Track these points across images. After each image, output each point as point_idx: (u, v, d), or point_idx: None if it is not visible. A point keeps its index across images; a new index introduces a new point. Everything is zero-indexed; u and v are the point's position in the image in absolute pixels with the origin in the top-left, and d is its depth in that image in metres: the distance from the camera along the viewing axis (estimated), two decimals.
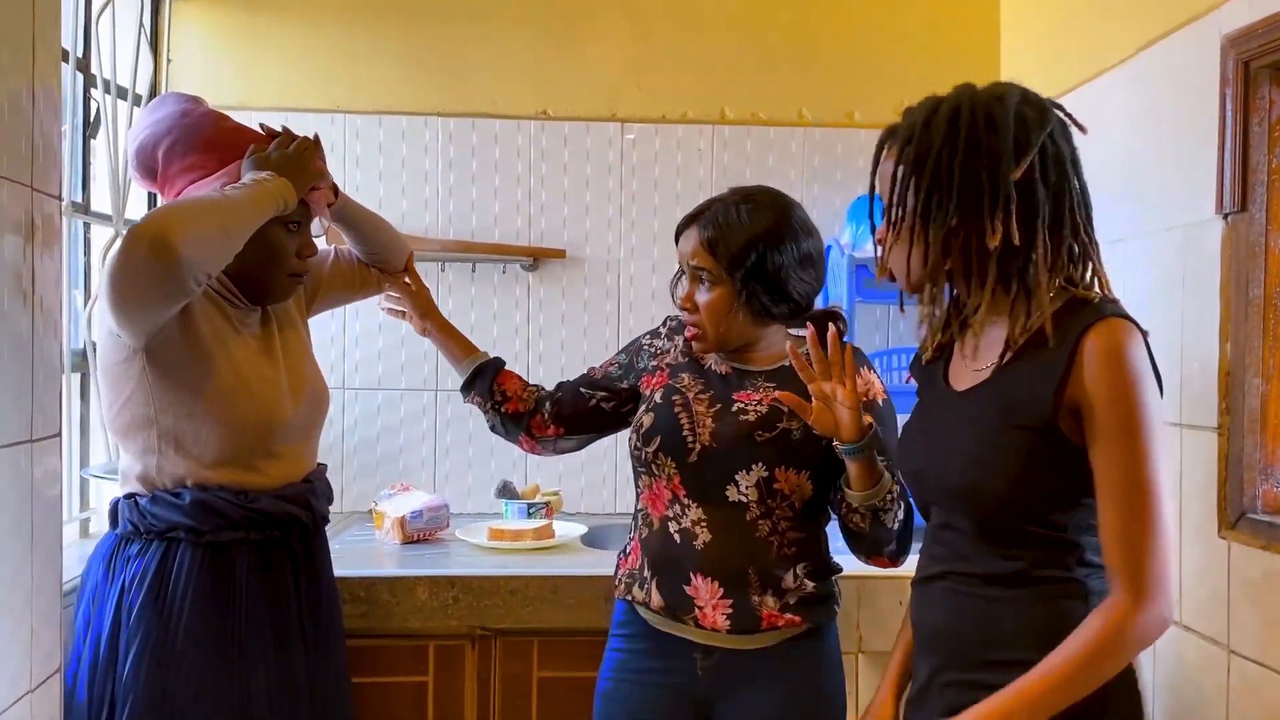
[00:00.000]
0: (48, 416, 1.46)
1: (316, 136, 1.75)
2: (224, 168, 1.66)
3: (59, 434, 1.51)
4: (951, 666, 1.39)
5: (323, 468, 1.83)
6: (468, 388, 1.96)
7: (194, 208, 1.53)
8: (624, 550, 1.83)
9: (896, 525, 1.66)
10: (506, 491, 2.58)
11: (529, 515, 2.50)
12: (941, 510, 1.42)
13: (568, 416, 1.90)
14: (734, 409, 1.70)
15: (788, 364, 1.71)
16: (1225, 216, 1.80)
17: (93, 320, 1.68)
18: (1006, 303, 1.31)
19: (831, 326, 1.58)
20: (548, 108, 2.79)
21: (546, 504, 2.55)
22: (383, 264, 2.01)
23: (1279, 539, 1.67)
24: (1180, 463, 1.91)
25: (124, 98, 2.46)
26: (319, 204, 1.77)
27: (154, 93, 2.65)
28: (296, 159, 1.69)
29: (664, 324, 1.89)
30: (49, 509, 1.50)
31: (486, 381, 1.94)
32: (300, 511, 1.71)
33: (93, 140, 2.38)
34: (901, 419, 1.54)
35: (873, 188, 1.41)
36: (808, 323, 1.67)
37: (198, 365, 1.61)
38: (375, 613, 2.07)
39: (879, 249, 1.41)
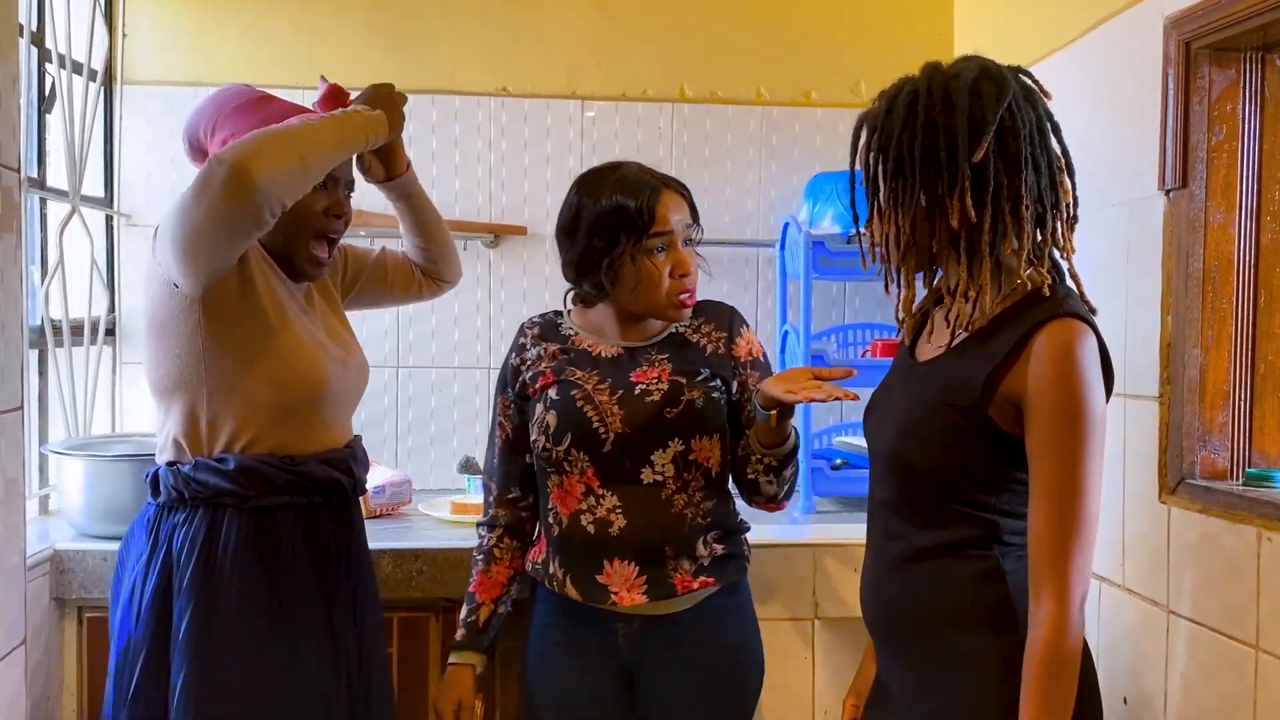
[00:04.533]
0: (9, 389, 1.46)
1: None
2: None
3: (21, 407, 1.51)
4: (880, 643, 1.47)
5: (358, 438, 1.81)
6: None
7: (277, 136, 1.49)
8: (532, 540, 1.84)
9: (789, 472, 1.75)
10: (469, 467, 2.60)
11: None
12: (877, 479, 1.47)
13: (527, 491, 1.83)
14: (637, 391, 1.71)
15: (675, 330, 1.78)
16: (1167, 193, 1.86)
17: (145, 276, 1.61)
18: (977, 281, 1.33)
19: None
20: (507, 85, 2.80)
21: None
22: (434, 263, 2.00)
23: (1216, 503, 1.74)
24: (1124, 431, 1.97)
25: (79, 73, 2.43)
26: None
27: (109, 68, 2.63)
28: (389, 96, 1.70)
29: (521, 335, 1.83)
30: (11, 483, 1.50)
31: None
32: (342, 477, 1.69)
33: (48, 115, 2.36)
34: (866, 391, 1.58)
35: (852, 172, 1.43)
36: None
37: (254, 321, 1.59)
38: None
39: (865, 234, 1.44)
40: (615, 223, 1.67)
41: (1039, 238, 1.34)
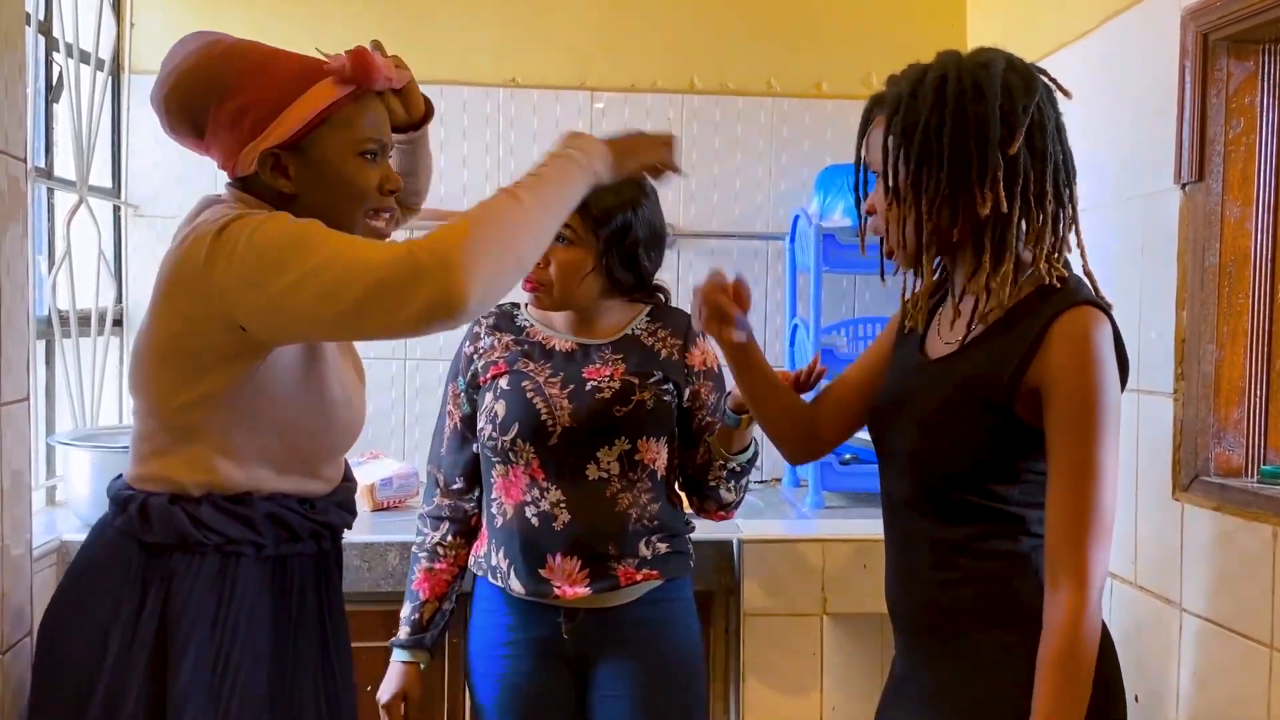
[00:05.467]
0: (16, 381, 1.46)
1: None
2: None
3: (27, 398, 1.51)
4: (907, 639, 1.44)
5: (347, 464, 1.59)
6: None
7: (497, 232, 1.22)
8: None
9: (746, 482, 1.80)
10: None
11: None
12: (895, 479, 1.44)
13: (472, 484, 1.81)
14: (588, 387, 1.71)
15: (630, 332, 1.78)
16: (1183, 186, 1.84)
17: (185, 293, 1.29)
18: (999, 272, 1.31)
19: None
20: (516, 76, 2.78)
21: None
22: (418, 195, 1.71)
23: (1230, 501, 1.72)
24: (1137, 427, 1.96)
25: (86, 62, 2.42)
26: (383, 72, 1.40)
27: (117, 57, 2.62)
28: (628, 143, 1.49)
29: (475, 324, 1.82)
30: (17, 474, 1.49)
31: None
32: (348, 517, 1.52)
33: (55, 105, 2.35)
34: None
35: (858, 157, 1.41)
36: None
37: (315, 374, 1.39)
38: (346, 578, 2.06)
39: (868, 218, 1.41)
40: None
41: (1055, 234, 1.33)
